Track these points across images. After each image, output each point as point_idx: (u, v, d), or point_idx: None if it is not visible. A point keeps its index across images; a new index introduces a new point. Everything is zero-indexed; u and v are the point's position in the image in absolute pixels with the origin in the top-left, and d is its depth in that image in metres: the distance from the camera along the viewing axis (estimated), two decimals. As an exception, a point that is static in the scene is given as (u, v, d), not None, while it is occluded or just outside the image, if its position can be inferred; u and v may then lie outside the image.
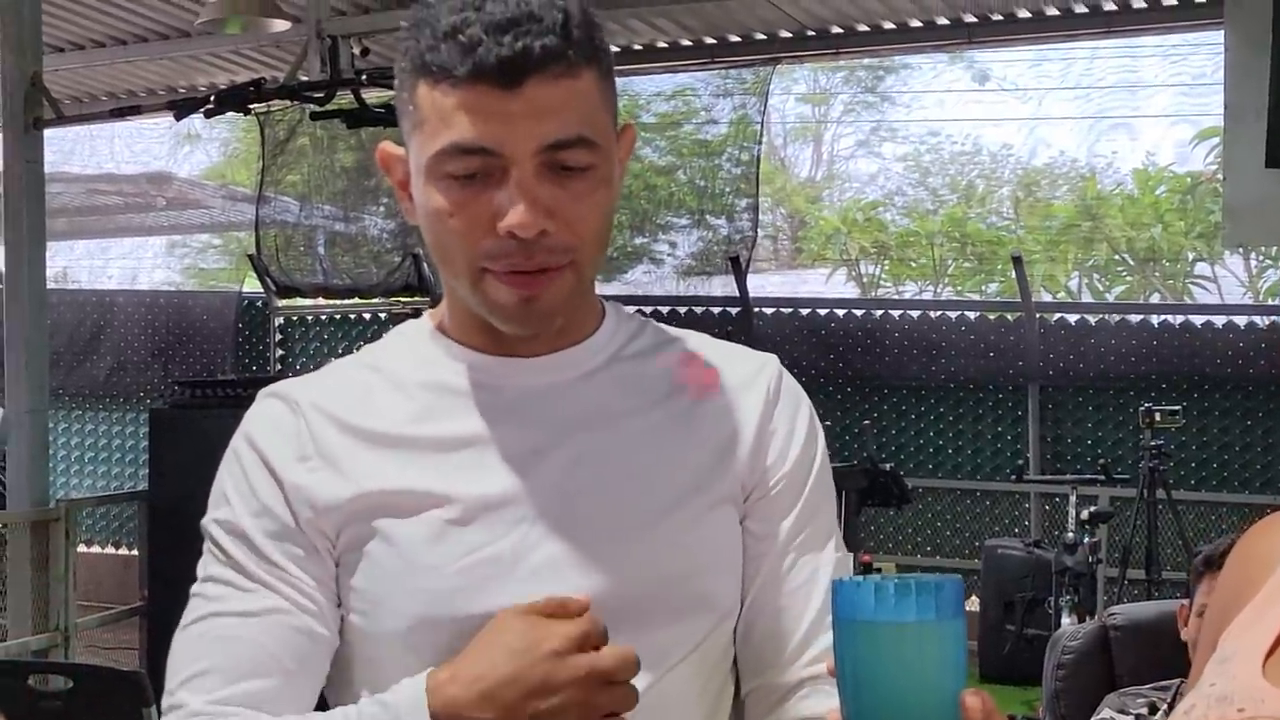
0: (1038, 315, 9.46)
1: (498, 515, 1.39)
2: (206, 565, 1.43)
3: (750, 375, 1.51)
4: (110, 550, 11.18)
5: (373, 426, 1.43)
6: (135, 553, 9.57)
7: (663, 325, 1.56)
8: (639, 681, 1.36)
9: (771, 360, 1.54)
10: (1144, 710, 3.03)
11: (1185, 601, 3.12)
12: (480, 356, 1.45)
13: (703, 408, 1.48)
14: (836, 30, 8.73)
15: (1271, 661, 1.10)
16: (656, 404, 1.47)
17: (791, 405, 1.51)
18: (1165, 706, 2.96)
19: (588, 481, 1.41)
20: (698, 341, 1.54)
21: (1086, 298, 19.88)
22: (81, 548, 8.06)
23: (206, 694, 1.35)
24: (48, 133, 7.39)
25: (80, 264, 17.41)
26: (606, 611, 1.35)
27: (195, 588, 1.43)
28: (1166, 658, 3.05)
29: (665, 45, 9.13)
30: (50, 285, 7.77)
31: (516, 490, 1.40)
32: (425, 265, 9.17)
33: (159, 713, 1.40)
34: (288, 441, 1.42)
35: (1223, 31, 7.29)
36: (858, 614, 1.15)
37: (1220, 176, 7.94)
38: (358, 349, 1.53)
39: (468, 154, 1.31)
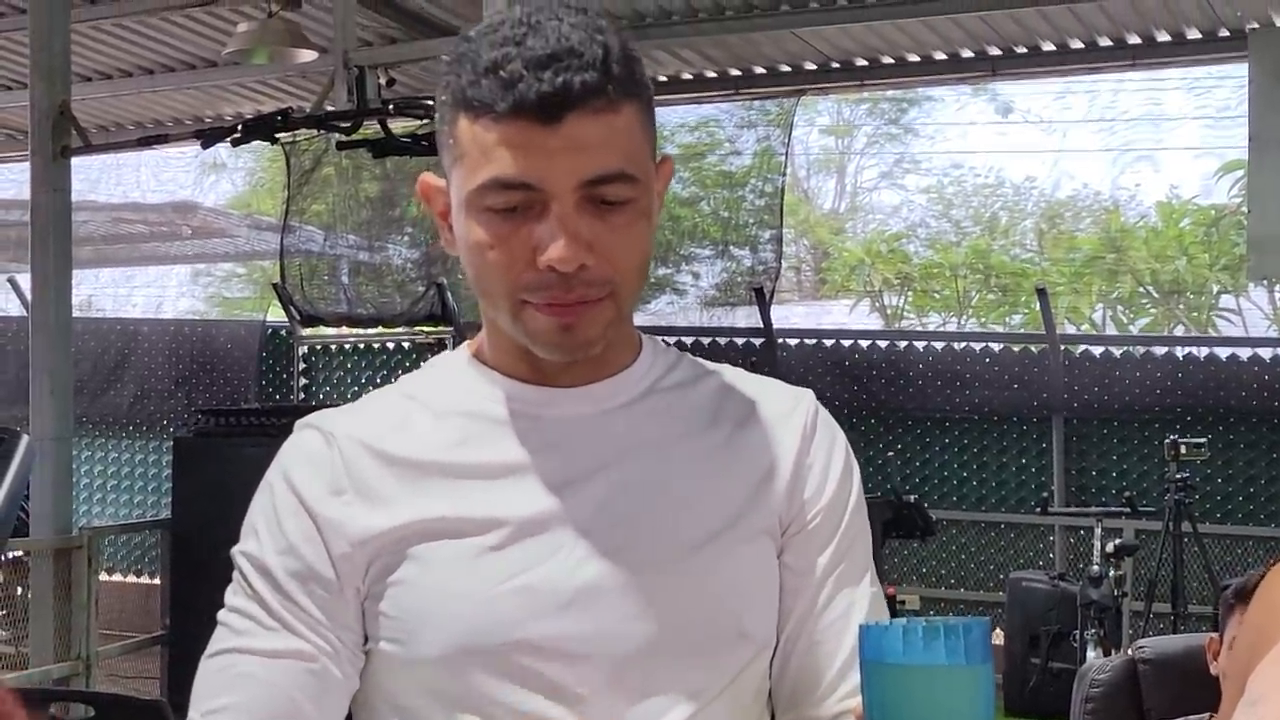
0: (1062, 347, 9.43)
1: (534, 542, 1.38)
2: (233, 594, 1.44)
3: (787, 409, 1.51)
4: (132, 578, 11.18)
5: (409, 454, 1.42)
6: (157, 581, 9.58)
7: (699, 359, 1.56)
8: (677, 714, 1.35)
9: (807, 394, 1.54)
10: (1173, 745, 3.00)
11: (1214, 635, 3.09)
12: (519, 386, 1.45)
13: (740, 440, 1.48)
14: (861, 62, 8.77)
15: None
16: (693, 436, 1.46)
17: (828, 439, 1.51)
18: (1194, 742, 2.94)
19: (624, 511, 1.41)
20: (733, 374, 1.54)
21: (1111, 330, 19.83)
22: (103, 576, 8.08)
23: None
24: (74, 161, 7.43)
25: (105, 292, 17.46)
26: (644, 642, 1.36)
27: (222, 615, 1.44)
28: (1195, 691, 3.02)
29: (690, 77, 9.17)
30: (75, 313, 7.79)
31: (553, 518, 1.39)
32: (449, 295, 9.19)
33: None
34: (321, 474, 1.42)
35: (1246, 64, 7.33)
36: (886, 658, 1.14)
37: (1245, 209, 7.95)
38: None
39: (508, 188, 1.31)
